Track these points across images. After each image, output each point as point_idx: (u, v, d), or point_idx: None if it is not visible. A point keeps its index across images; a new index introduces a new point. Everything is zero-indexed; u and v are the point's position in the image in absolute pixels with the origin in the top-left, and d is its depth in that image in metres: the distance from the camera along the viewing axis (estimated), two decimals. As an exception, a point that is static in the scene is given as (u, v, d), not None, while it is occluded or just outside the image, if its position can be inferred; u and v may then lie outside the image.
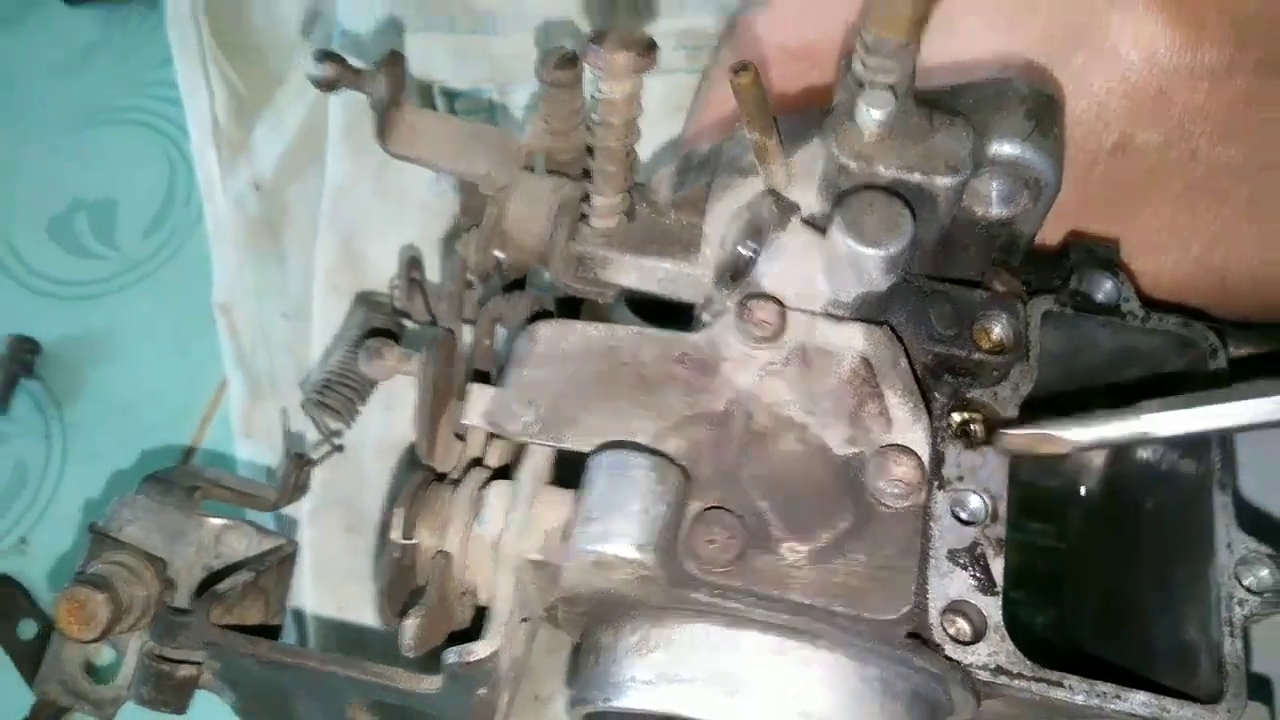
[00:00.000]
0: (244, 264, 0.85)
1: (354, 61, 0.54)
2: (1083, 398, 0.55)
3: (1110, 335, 0.51)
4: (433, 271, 0.73)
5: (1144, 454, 0.57)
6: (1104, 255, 0.53)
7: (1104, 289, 0.52)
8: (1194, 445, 0.50)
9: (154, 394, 0.84)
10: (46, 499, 0.81)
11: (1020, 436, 0.46)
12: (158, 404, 0.84)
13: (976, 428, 0.48)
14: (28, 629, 0.76)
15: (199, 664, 0.55)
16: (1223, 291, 0.58)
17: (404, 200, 0.84)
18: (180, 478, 0.59)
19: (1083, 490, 0.60)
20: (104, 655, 0.60)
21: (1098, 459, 0.59)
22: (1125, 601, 0.54)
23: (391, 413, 0.76)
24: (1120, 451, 0.58)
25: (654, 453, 0.42)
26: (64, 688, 0.58)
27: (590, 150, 0.53)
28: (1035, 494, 0.60)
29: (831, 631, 0.41)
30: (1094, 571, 0.58)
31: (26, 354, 0.84)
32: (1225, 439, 0.48)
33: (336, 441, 0.67)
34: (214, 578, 0.54)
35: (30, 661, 0.75)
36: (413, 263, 0.66)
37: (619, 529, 0.39)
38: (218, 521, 0.57)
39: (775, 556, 0.41)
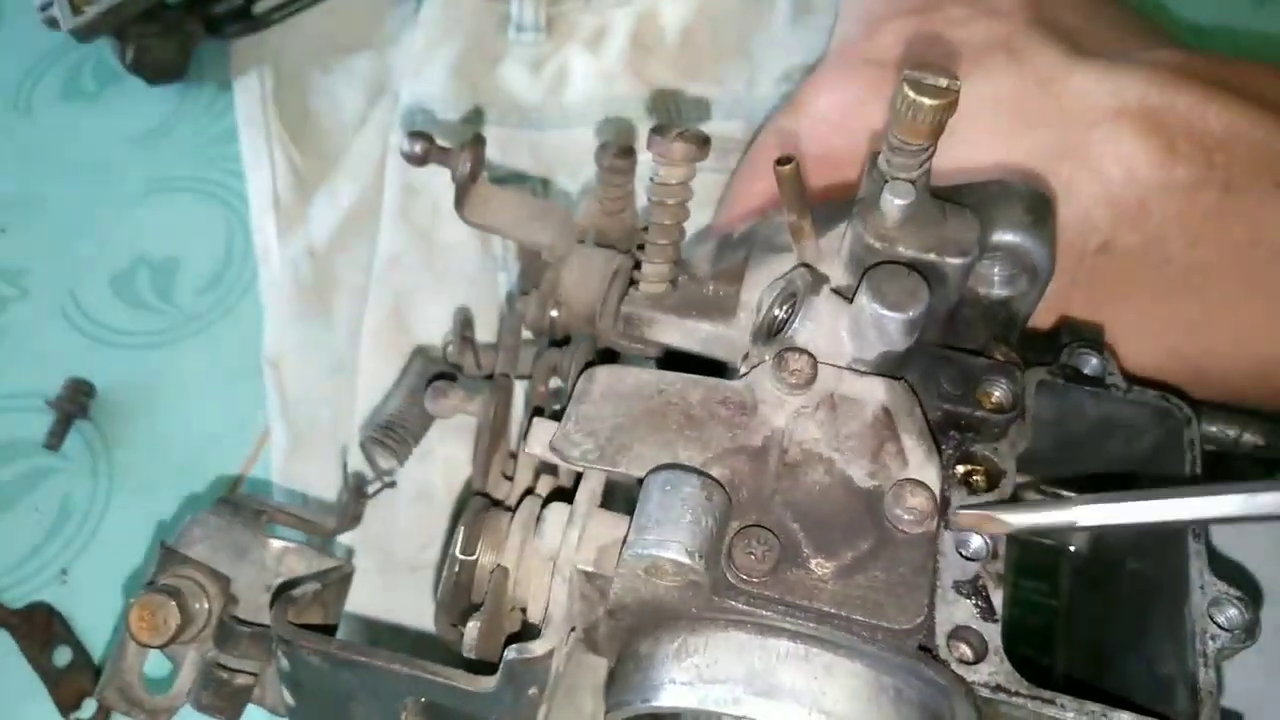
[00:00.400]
0: (293, 322, 0.91)
1: (441, 141, 0.62)
2: (1071, 459, 0.62)
3: (1096, 404, 0.58)
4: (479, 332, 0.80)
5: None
6: (1091, 336, 0.60)
7: (1091, 364, 0.59)
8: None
9: (200, 440, 0.89)
10: (90, 534, 0.85)
11: (969, 516, 0.51)
12: (203, 449, 0.88)
13: (978, 479, 0.54)
14: (62, 656, 0.79)
15: (255, 675, 0.60)
16: (1197, 378, 0.65)
17: (449, 271, 0.92)
18: (248, 502, 0.64)
19: (1072, 549, 0.66)
20: (156, 668, 0.63)
21: (1084, 522, 0.65)
22: (1109, 652, 0.59)
23: (425, 463, 0.81)
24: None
25: (703, 474, 0.48)
26: (122, 694, 0.61)
27: (645, 227, 0.61)
28: (1030, 553, 0.66)
29: (852, 640, 0.46)
30: (1082, 627, 0.63)
31: (82, 396, 0.90)
32: (1196, 496, 0.54)
33: (389, 479, 0.73)
34: (280, 589, 0.59)
35: (62, 688, 0.79)
36: (466, 322, 0.73)
37: (673, 536, 0.45)
38: (280, 544, 0.62)
39: (804, 571, 0.47)
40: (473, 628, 0.49)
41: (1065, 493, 0.66)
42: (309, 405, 0.88)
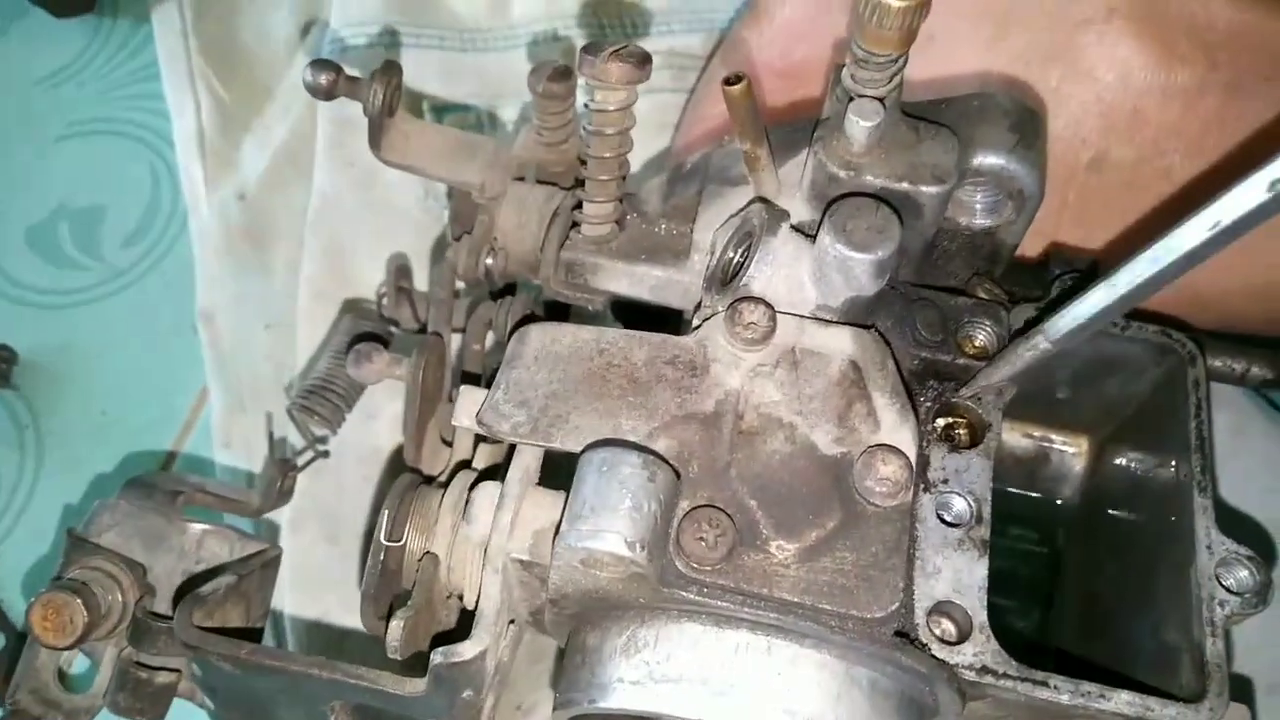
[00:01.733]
0: (227, 273, 0.85)
1: (350, 70, 0.55)
2: (1063, 403, 0.57)
3: (1092, 342, 0.52)
4: (418, 281, 0.74)
5: (1121, 461, 0.58)
6: (1083, 265, 0.54)
7: (1084, 298, 0.53)
8: (1172, 451, 0.51)
9: (133, 403, 0.83)
10: (19, 509, 0.80)
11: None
12: (137, 413, 0.83)
13: (961, 432, 0.49)
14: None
15: (177, 671, 0.55)
16: (1195, 304, 0.59)
17: (390, 213, 0.85)
18: (162, 482, 0.58)
19: (1060, 500, 0.61)
20: (78, 663, 0.59)
21: (1077, 466, 0.60)
22: (1106, 606, 0.55)
23: (372, 421, 0.76)
24: (1099, 459, 0.59)
25: (645, 451, 0.42)
26: (36, 697, 0.56)
27: (584, 160, 0.54)
28: (1016, 501, 0.61)
29: (819, 630, 0.41)
30: (1075, 576, 0.59)
31: (2, 363, 0.83)
32: (1204, 442, 0.49)
33: (321, 448, 0.67)
34: (195, 581, 0.54)
35: None
36: (401, 270, 0.67)
37: (610, 526, 0.39)
38: (199, 527, 0.57)
39: (764, 555, 0.41)
40: (396, 626, 0.44)
41: (1058, 435, 0.61)
42: (249, 361, 0.82)
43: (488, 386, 0.49)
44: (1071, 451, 0.60)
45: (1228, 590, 0.45)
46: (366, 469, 0.76)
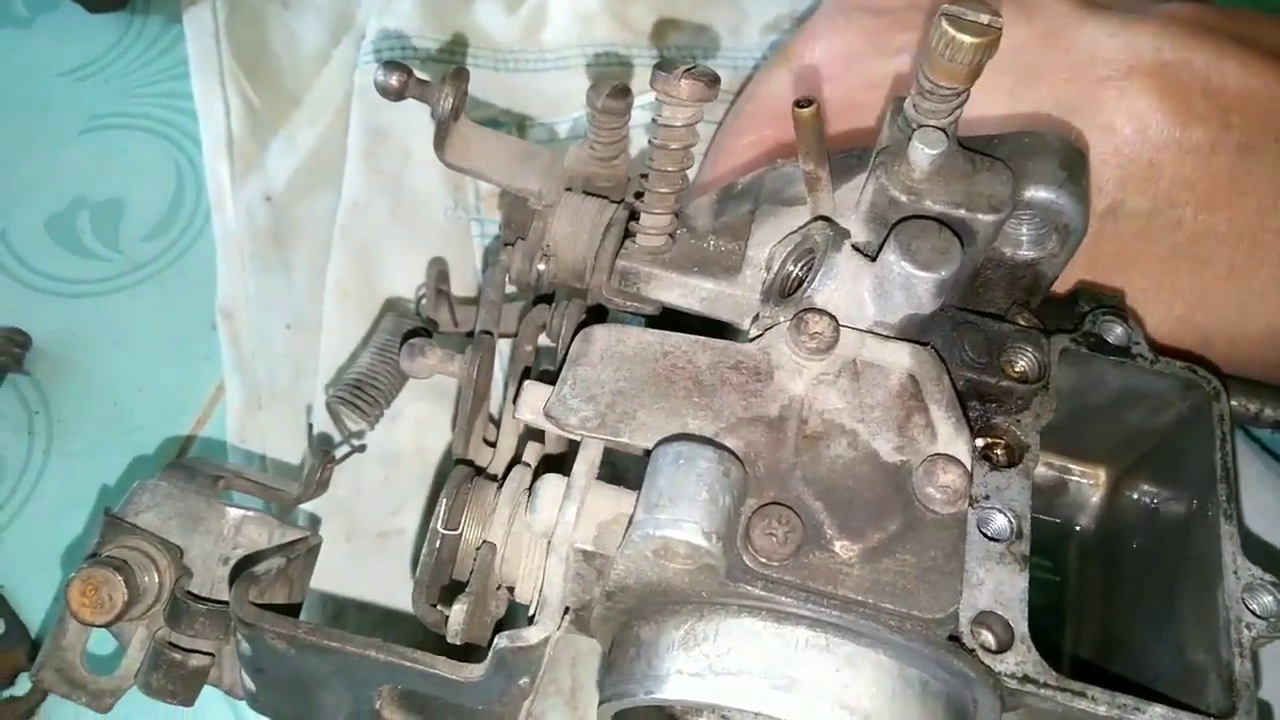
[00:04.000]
0: (249, 272, 0.85)
1: (420, 74, 0.57)
2: (1088, 431, 0.59)
3: (1119, 375, 0.55)
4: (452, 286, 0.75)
5: (1135, 494, 0.60)
6: (1111, 303, 0.57)
7: (1114, 333, 0.55)
8: (1192, 482, 0.53)
9: (146, 396, 0.83)
10: (25, 495, 0.79)
11: None
12: (149, 406, 0.82)
13: (999, 452, 0.51)
14: (-10, 625, 0.73)
15: (210, 655, 0.55)
16: (1205, 349, 0.62)
17: (417, 221, 0.86)
18: (203, 467, 0.59)
19: (1079, 526, 0.63)
20: (102, 645, 0.58)
21: (1094, 497, 0.62)
22: (1121, 631, 0.57)
23: (394, 423, 0.77)
24: (1115, 490, 0.62)
25: (718, 446, 0.43)
26: (61, 676, 0.56)
27: (645, 174, 0.56)
28: (1033, 529, 0.63)
29: (877, 630, 0.42)
30: (1090, 603, 0.61)
31: (16, 348, 0.83)
32: (1229, 473, 0.51)
33: (357, 442, 0.67)
34: (240, 566, 0.54)
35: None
36: (441, 274, 0.68)
37: (688, 515, 0.41)
38: (238, 512, 0.57)
39: (828, 554, 0.43)
40: (459, 611, 0.45)
41: (1077, 466, 0.63)
42: (267, 361, 0.82)
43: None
44: (1089, 482, 0.63)
45: (1254, 614, 0.47)
46: (386, 470, 0.76)
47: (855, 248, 0.50)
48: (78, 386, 0.83)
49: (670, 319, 0.58)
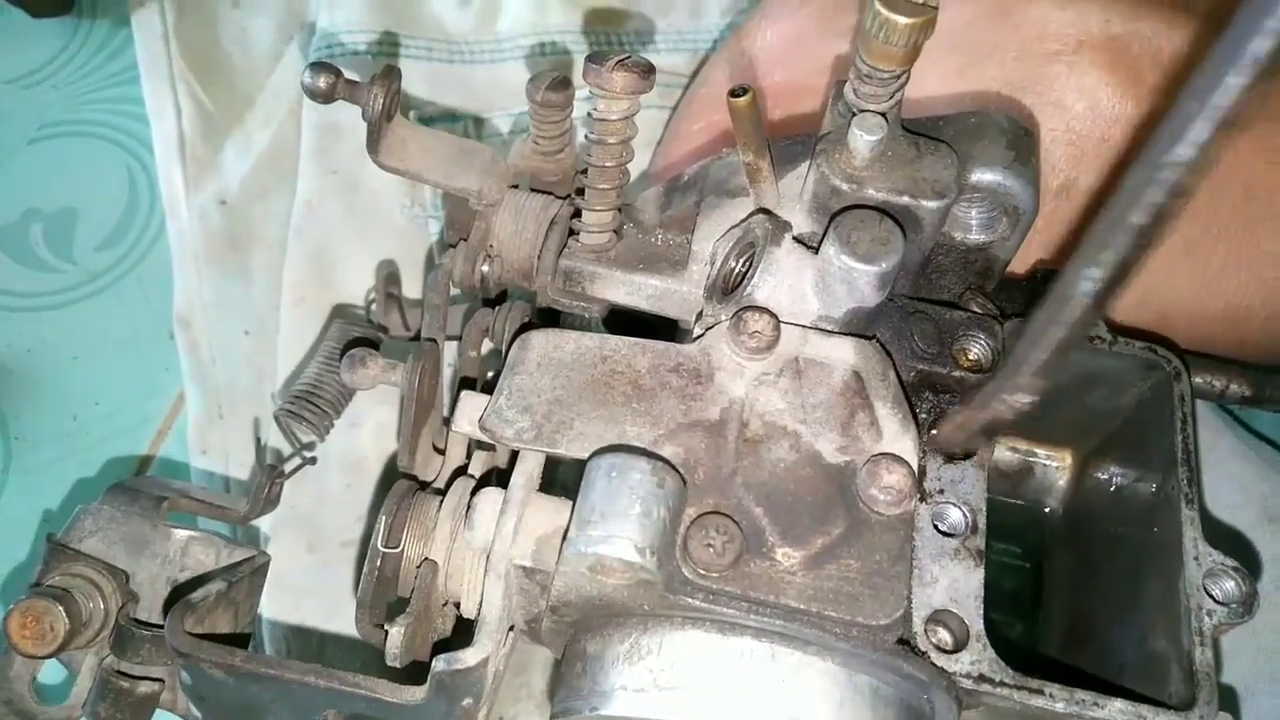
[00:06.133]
0: (206, 278, 0.84)
1: (350, 75, 0.55)
2: (1048, 415, 0.58)
3: (1079, 357, 0.53)
4: (406, 288, 0.73)
5: (1104, 474, 0.59)
6: (1072, 284, 0.55)
7: (1073, 315, 0.54)
8: (1156, 464, 0.52)
9: (105, 409, 0.81)
10: (-14, 516, 0.78)
11: (951, 431, 0.46)
12: (109, 419, 0.81)
13: (955, 445, 0.49)
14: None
15: (160, 680, 0.53)
16: (1163, 327, 0.61)
17: (373, 220, 0.84)
18: (147, 487, 0.57)
19: (1046, 510, 0.62)
20: (53, 674, 0.57)
21: (1061, 480, 0.61)
22: (1090, 617, 0.56)
23: (355, 429, 0.76)
24: (1082, 472, 0.60)
25: (654, 457, 0.42)
26: (10, 708, 0.55)
27: (583, 169, 0.54)
28: (1000, 515, 0.61)
29: (823, 637, 0.41)
30: (1058, 589, 0.60)
31: (-30, 365, 0.81)
32: (1190, 455, 0.50)
33: (308, 455, 0.66)
34: (182, 589, 0.53)
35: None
36: (390, 278, 0.66)
37: (620, 531, 0.39)
38: (184, 533, 0.55)
39: (769, 562, 0.42)
40: (396, 634, 0.43)
41: (1042, 449, 0.62)
42: (226, 368, 0.81)
43: (485, 393, 0.49)
44: (1055, 465, 0.62)
45: (1215, 600, 0.46)
46: (348, 477, 0.75)
47: (798, 240, 0.49)
48: (35, 402, 0.82)
49: (624, 318, 0.57)
